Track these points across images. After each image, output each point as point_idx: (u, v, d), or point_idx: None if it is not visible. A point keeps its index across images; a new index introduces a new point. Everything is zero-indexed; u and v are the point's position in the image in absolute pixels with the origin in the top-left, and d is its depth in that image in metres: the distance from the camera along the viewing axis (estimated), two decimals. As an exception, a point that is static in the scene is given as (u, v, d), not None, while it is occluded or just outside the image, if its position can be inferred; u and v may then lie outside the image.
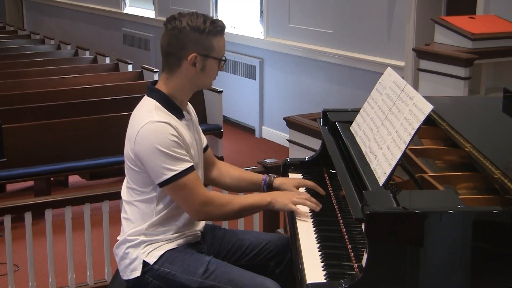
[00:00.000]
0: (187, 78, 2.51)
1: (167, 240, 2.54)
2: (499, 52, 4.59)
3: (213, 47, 2.48)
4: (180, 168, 2.42)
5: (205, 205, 2.47)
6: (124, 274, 2.56)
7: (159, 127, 2.42)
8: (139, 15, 9.82)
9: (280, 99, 7.38)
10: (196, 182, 2.46)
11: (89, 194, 3.77)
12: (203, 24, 2.46)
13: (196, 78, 2.51)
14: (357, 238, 2.30)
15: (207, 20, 2.47)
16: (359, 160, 2.41)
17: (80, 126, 5.60)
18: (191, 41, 2.46)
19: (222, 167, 2.84)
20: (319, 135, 3.24)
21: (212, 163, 2.82)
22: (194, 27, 2.45)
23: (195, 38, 2.46)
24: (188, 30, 2.45)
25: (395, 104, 2.43)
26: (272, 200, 2.56)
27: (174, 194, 2.47)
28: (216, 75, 2.56)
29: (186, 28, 2.45)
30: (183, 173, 2.42)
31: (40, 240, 4.28)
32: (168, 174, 2.41)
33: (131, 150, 2.47)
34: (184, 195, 2.45)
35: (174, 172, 2.41)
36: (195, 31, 2.45)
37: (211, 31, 2.47)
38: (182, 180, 2.42)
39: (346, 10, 6.45)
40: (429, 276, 1.97)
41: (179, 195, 2.46)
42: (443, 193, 2.20)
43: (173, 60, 2.49)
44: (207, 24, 2.46)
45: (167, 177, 2.41)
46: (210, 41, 2.47)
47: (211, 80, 2.57)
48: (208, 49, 2.48)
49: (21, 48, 9.00)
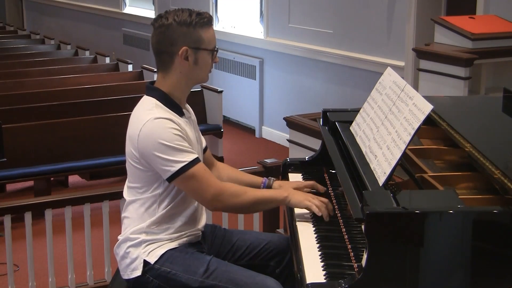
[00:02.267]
0: (182, 73, 2.52)
1: (168, 240, 2.54)
2: (499, 52, 4.59)
3: (202, 38, 2.50)
4: (188, 159, 2.42)
5: (218, 195, 2.47)
6: (125, 273, 2.56)
7: (161, 122, 2.42)
8: (139, 15, 9.82)
9: (280, 99, 7.38)
10: (206, 172, 2.46)
11: (89, 194, 3.77)
12: (189, 17, 2.48)
13: (191, 72, 2.52)
14: (357, 238, 2.30)
15: (192, 13, 2.49)
16: (359, 160, 2.41)
17: (80, 126, 5.60)
18: (180, 35, 2.47)
19: (220, 169, 2.83)
20: (319, 135, 3.23)
21: (211, 165, 2.81)
22: (181, 21, 2.47)
23: (183, 32, 2.47)
24: (175, 26, 2.47)
25: (395, 104, 2.43)
26: (289, 195, 2.54)
27: (185, 187, 2.47)
28: (211, 67, 2.57)
29: (173, 24, 2.47)
30: (191, 164, 2.42)
31: (40, 240, 4.28)
32: (175, 167, 2.41)
33: (135, 149, 2.47)
34: (195, 186, 2.45)
35: (181, 164, 2.41)
36: (182, 25, 2.47)
37: (198, 23, 2.48)
38: (190, 171, 2.42)
39: (346, 10, 6.45)
40: (429, 276, 1.97)
41: (190, 186, 2.45)
42: (443, 193, 2.20)
43: (166, 57, 2.51)
44: (193, 17, 2.48)
45: (175, 170, 2.41)
46: (198, 33, 2.49)
47: (207, 73, 2.57)
48: (198, 41, 2.49)
49: (21, 48, 9.00)
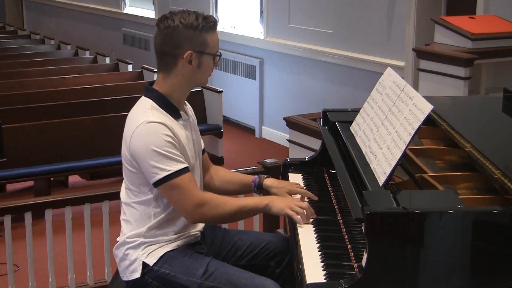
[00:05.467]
0: (183, 76, 2.50)
1: (167, 242, 2.53)
2: (499, 52, 4.59)
3: (207, 42, 2.48)
4: (173, 168, 2.40)
5: (198, 207, 2.43)
6: (124, 275, 2.56)
7: (153, 127, 2.41)
8: (139, 15, 9.82)
9: (280, 99, 7.38)
10: (190, 184, 2.43)
11: (89, 194, 3.77)
12: (196, 20, 2.45)
13: (192, 76, 2.51)
14: (357, 238, 2.30)
15: (199, 17, 2.47)
16: (359, 160, 2.41)
17: (80, 126, 5.60)
18: (185, 38, 2.45)
19: (213, 171, 2.82)
20: (319, 135, 3.23)
21: (206, 168, 2.80)
22: (187, 24, 2.45)
23: (189, 35, 2.45)
24: (181, 28, 2.45)
25: (395, 104, 2.43)
26: (269, 203, 2.51)
27: (167, 195, 2.46)
28: (212, 71, 2.56)
29: (179, 26, 2.45)
30: (176, 173, 2.40)
31: (40, 240, 4.28)
32: (161, 174, 2.40)
33: (127, 151, 2.47)
34: (177, 196, 2.43)
35: (167, 172, 2.39)
36: (188, 28, 2.45)
37: (204, 27, 2.46)
38: (174, 180, 2.40)
39: (346, 10, 6.45)
40: (429, 276, 1.97)
41: (172, 196, 2.44)
42: (443, 193, 2.20)
43: (169, 59, 2.49)
44: (199, 21, 2.46)
45: (160, 177, 2.40)
46: (204, 37, 2.47)
47: (207, 77, 2.56)
48: (203, 45, 2.47)
49: (21, 48, 9.00)
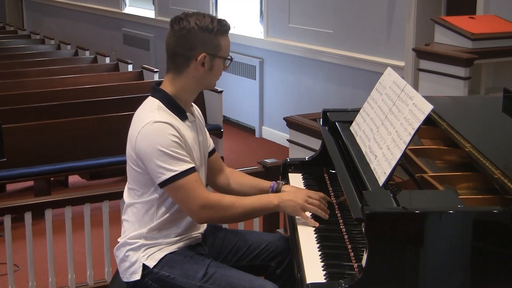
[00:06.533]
0: (194, 78, 2.49)
1: (168, 244, 2.52)
2: (499, 52, 4.59)
3: (221, 46, 2.48)
4: (180, 168, 2.39)
5: (205, 208, 2.43)
6: (124, 276, 2.56)
7: (160, 127, 2.40)
8: (139, 15, 9.82)
9: (280, 99, 7.38)
10: (196, 184, 2.42)
11: (89, 194, 3.76)
12: (211, 23, 2.45)
13: (203, 78, 2.50)
14: (357, 238, 2.29)
15: (214, 20, 2.46)
16: (359, 160, 2.41)
17: (80, 126, 5.60)
18: (200, 41, 2.44)
19: (229, 173, 2.79)
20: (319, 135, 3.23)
21: (220, 169, 2.78)
22: (203, 27, 2.44)
23: (204, 38, 2.44)
24: (197, 30, 2.44)
25: (395, 104, 2.43)
26: (280, 203, 2.50)
27: (173, 195, 2.45)
28: (221, 75, 2.56)
29: (195, 28, 2.44)
30: (182, 174, 2.39)
31: (40, 240, 4.28)
32: (167, 174, 2.39)
33: (133, 150, 2.46)
34: (183, 197, 2.42)
35: (173, 173, 2.39)
36: (204, 31, 2.44)
37: (219, 31, 2.46)
38: (181, 181, 2.40)
39: (346, 10, 6.45)
40: (429, 276, 1.97)
41: (178, 196, 2.44)
42: (443, 193, 2.20)
43: (181, 60, 2.47)
44: (214, 24, 2.45)
45: (166, 177, 2.39)
46: (218, 41, 2.47)
47: (216, 80, 2.56)
48: (216, 48, 2.47)
49: (21, 48, 9.00)
